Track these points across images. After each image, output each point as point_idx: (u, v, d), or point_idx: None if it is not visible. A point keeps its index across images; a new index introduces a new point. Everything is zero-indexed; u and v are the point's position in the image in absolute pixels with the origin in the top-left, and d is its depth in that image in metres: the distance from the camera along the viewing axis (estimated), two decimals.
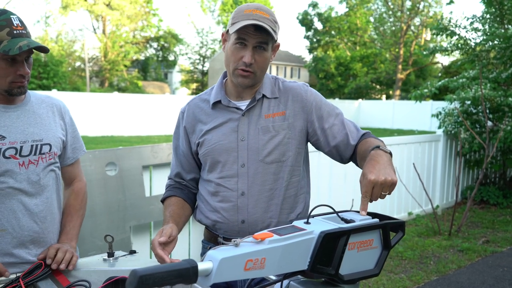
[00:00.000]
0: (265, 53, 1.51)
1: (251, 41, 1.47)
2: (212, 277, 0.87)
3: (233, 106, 1.60)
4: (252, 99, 1.59)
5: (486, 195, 6.36)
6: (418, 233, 5.08)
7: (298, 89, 1.63)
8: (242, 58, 1.49)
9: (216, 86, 1.67)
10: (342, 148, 1.62)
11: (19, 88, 1.51)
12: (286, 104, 1.61)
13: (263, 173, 1.56)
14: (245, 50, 1.48)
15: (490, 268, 4.09)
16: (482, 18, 6.52)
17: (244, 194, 1.56)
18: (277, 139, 1.57)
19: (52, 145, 1.62)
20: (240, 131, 1.57)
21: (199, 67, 47.68)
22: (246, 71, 1.50)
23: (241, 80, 1.52)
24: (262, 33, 1.46)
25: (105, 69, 35.41)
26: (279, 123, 1.58)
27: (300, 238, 1.00)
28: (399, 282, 3.74)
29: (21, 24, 1.49)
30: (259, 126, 1.57)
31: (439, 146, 6.01)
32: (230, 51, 1.51)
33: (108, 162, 2.65)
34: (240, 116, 1.58)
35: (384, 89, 35.66)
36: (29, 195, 1.56)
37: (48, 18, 37.85)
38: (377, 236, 1.13)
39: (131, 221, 2.74)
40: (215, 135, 1.59)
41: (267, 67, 1.56)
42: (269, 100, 1.60)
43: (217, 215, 1.60)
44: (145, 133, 17.54)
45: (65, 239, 1.66)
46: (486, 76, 6.34)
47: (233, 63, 1.51)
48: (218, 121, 1.60)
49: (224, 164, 1.58)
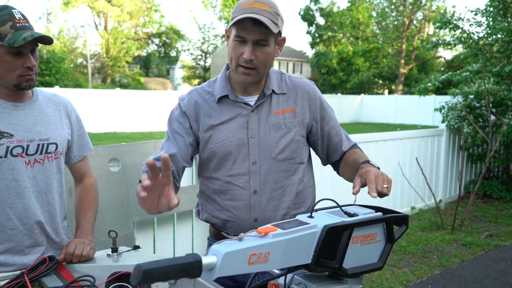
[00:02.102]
0: (266, 48, 1.45)
1: (250, 37, 1.42)
2: (216, 271, 0.87)
3: (241, 101, 1.54)
4: (261, 94, 1.55)
5: (489, 189, 6.34)
6: (421, 228, 5.08)
7: (306, 87, 1.61)
8: (242, 54, 1.44)
9: (219, 79, 1.60)
10: (331, 152, 1.67)
11: (27, 81, 1.52)
12: (296, 101, 1.58)
13: (275, 170, 1.54)
14: (244, 46, 1.43)
15: (493, 262, 4.09)
16: (485, 11, 6.48)
17: (256, 192, 1.53)
18: (289, 136, 1.55)
19: (58, 145, 1.63)
20: (250, 127, 1.53)
21: (201, 63, 47.56)
22: (247, 68, 1.45)
23: (243, 78, 1.47)
24: (261, 27, 1.39)
25: (107, 65, 35.37)
26: (290, 120, 1.55)
27: (303, 232, 1.00)
28: (403, 276, 3.74)
29: (23, 17, 1.50)
30: (270, 123, 1.53)
31: (442, 141, 5.99)
32: (231, 47, 1.47)
33: (111, 158, 2.66)
34: (250, 112, 1.53)
35: (386, 84, 35.54)
36: (35, 194, 1.57)
37: (50, 14, 37.81)
38: (380, 229, 1.13)
39: (134, 217, 2.74)
40: (223, 131, 1.53)
41: (270, 62, 1.50)
42: (278, 96, 1.57)
43: (227, 214, 1.57)
44: (147, 129, 17.55)
45: (80, 234, 1.68)
46: (489, 70, 6.31)
47: (234, 59, 1.47)
48: (225, 116, 1.54)
49: (234, 162, 1.53)
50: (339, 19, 35.83)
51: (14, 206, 1.52)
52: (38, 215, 1.57)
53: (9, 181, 1.51)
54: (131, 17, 37.80)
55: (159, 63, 44.70)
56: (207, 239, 1.76)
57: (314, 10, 37.53)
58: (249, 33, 1.41)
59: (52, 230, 1.63)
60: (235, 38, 1.44)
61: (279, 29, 1.45)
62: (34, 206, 1.56)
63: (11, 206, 1.52)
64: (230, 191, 1.55)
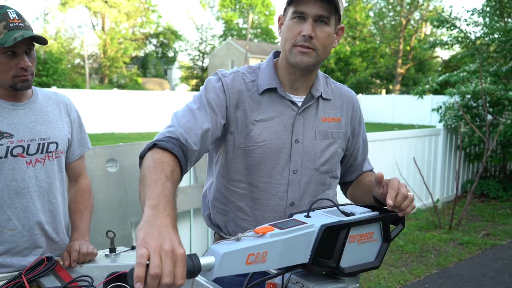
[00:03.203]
0: (327, 28, 1.28)
1: (310, 12, 1.25)
2: (215, 271, 0.88)
3: (289, 99, 1.36)
4: (309, 95, 1.38)
5: (486, 188, 6.36)
6: (418, 227, 5.09)
7: (352, 97, 1.48)
8: (300, 32, 1.26)
9: (265, 67, 1.40)
10: (351, 171, 1.56)
11: (22, 82, 1.51)
12: (342, 110, 1.44)
13: (315, 183, 1.39)
14: (304, 24, 1.26)
15: (490, 261, 4.10)
16: (482, 11, 6.50)
17: (293, 204, 1.37)
18: (333, 147, 1.41)
19: (59, 144, 1.63)
20: (295, 131, 1.35)
21: (198, 63, 47.58)
22: (305, 47, 1.27)
23: (299, 59, 1.28)
24: (323, 1, 1.24)
25: (105, 66, 35.33)
26: (336, 130, 1.41)
27: (301, 232, 1.01)
28: (400, 275, 3.75)
29: (19, 17, 1.48)
30: (316, 130, 1.38)
31: (439, 140, 6.01)
32: (287, 27, 1.29)
33: (109, 159, 2.66)
34: (296, 114, 1.36)
35: (384, 84, 35.61)
36: (37, 194, 1.56)
37: (47, 15, 37.79)
38: (377, 229, 1.14)
39: (132, 217, 2.74)
40: (265, 130, 1.33)
41: (330, 45, 1.32)
42: (324, 101, 1.41)
43: (254, 225, 1.28)
44: (145, 129, 17.52)
45: (78, 236, 1.66)
46: (486, 70, 6.33)
47: (290, 39, 1.29)
48: (269, 113, 1.34)
49: (273, 168, 1.35)
50: None
51: (13, 206, 1.52)
52: (38, 215, 1.56)
53: (8, 181, 1.50)
54: (129, 18, 37.76)
55: (157, 63, 44.69)
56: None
57: None
58: (310, 6, 1.25)
59: (53, 230, 1.63)
60: (293, 14, 1.27)
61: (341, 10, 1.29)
62: (34, 206, 1.56)
63: (10, 206, 1.51)
64: (263, 200, 1.37)
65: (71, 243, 1.61)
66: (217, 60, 39.81)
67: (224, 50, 39.98)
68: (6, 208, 1.51)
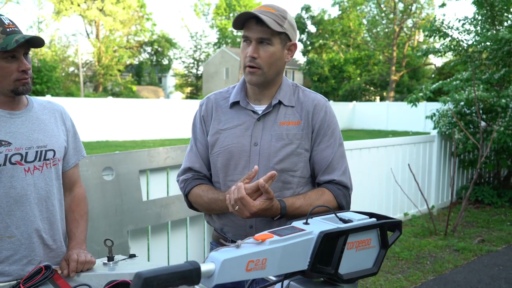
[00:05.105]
0: (269, 48, 1.48)
1: (253, 36, 1.47)
2: (215, 278, 0.88)
3: (250, 109, 1.58)
4: (268, 104, 1.58)
5: (481, 194, 6.40)
6: (414, 234, 5.11)
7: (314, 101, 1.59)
8: (247, 54, 1.49)
9: (237, 85, 1.66)
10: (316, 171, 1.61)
11: (24, 85, 1.53)
12: (302, 114, 1.58)
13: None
14: (249, 46, 1.48)
15: (486, 267, 4.12)
16: (473, 19, 6.58)
17: None
18: (289, 148, 1.55)
19: (56, 151, 1.64)
20: (254, 135, 1.56)
21: (193, 71, 47.68)
22: (252, 67, 1.49)
23: (249, 78, 1.51)
24: (263, 26, 1.44)
25: (99, 74, 35.31)
26: (294, 131, 1.56)
27: (300, 239, 1.02)
28: (396, 282, 3.76)
29: (12, 23, 1.51)
30: (273, 133, 1.55)
31: (434, 147, 6.05)
32: (241, 50, 1.53)
33: (105, 167, 2.65)
34: (255, 121, 1.57)
35: (378, 91, 35.82)
36: (36, 202, 1.57)
37: (41, 23, 37.65)
38: (375, 235, 1.15)
39: (128, 226, 2.74)
40: (229, 136, 1.58)
41: (276, 63, 1.52)
42: (286, 108, 1.58)
43: (225, 219, 1.60)
44: (140, 137, 17.51)
45: (75, 245, 1.67)
46: (479, 77, 6.39)
47: (242, 61, 1.52)
48: (233, 122, 1.59)
49: (235, 167, 1.57)
50: (330, 27, 36.16)
51: (12, 214, 1.52)
52: (36, 222, 1.56)
53: (7, 189, 1.51)
54: (123, 26, 37.82)
55: (151, 71, 44.71)
56: (210, 244, 1.80)
57: (306, 18, 37.87)
58: (252, 31, 1.47)
59: (50, 237, 1.62)
60: (242, 39, 1.50)
61: (284, 30, 1.48)
62: (33, 214, 1.56)
63: (9, 214, 1.52)
64: None
65: (69, 252, 1.61)
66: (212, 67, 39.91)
67: (219, 58, 40.10)
68: (4, 215, 1.51)
